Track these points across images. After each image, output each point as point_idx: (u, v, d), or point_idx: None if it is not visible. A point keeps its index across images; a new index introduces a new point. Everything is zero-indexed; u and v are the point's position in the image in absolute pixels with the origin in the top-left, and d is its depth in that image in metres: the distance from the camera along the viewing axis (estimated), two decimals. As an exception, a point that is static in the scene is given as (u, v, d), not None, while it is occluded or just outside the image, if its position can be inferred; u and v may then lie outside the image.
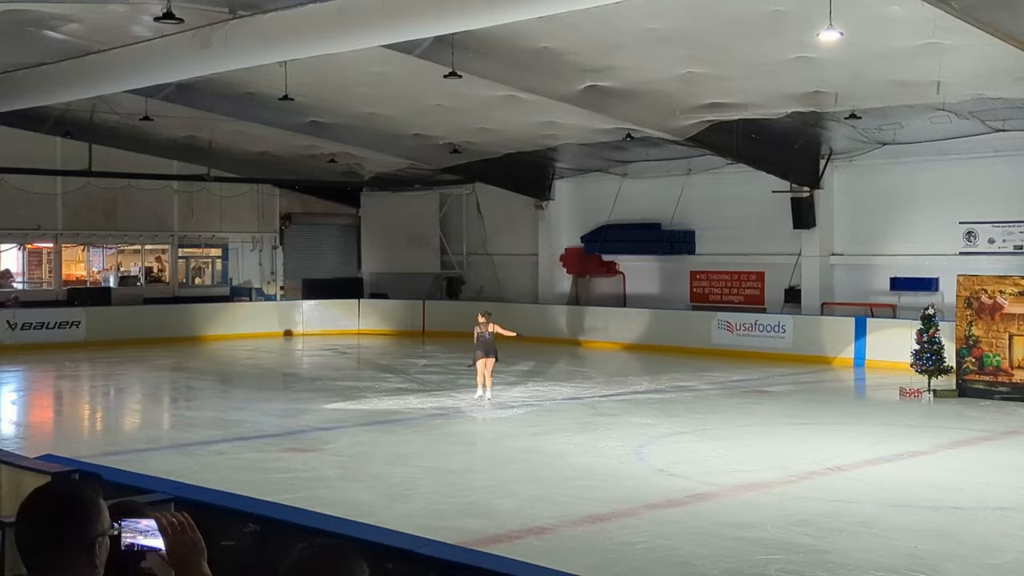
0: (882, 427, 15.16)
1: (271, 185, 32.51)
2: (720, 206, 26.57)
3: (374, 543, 4.43)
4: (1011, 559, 8.67)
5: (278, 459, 12.67)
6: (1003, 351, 17.78)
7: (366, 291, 33.24)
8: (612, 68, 18.69)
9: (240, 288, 32.37)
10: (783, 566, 8.36)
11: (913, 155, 22.98)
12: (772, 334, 24.25)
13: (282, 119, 23.78)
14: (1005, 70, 17.05)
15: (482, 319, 17.43)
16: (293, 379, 21.98)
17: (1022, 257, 21.83)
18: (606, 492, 11.02)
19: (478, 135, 25.36)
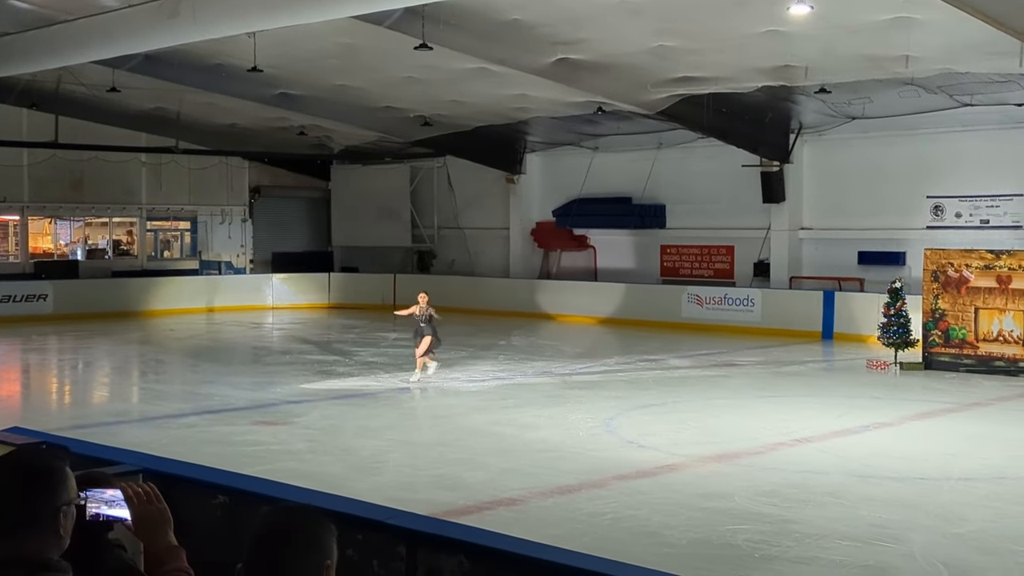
0: (849, 399, 15.31)
1: (240, 158, 32.27)
2: (690, 180, 26.64)
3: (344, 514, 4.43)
4: (973, 528, 8.79)
5: (248, 432, 12.65)
6: (969, 324, 17.98)
7: (336, 265, 33.14)
8: (583, 41, 18.66)
9: (209, 261, 32.18)
10: (750, 536, 8.44)
11: (882, 129, 23.11)
12: (741, 308, 24.39)
13: (251, 91, 23.59)
14: (974, 45, 17.14)
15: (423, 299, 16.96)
16: (263, 353, 21.92)
17: (988, 231, 22.04)
18: (576, 464, 11.09)
19: (449, 108, 25.27)
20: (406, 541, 4.11)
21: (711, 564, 7.67)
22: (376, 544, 4.18)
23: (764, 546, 8.21)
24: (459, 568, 3.91)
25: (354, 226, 32.68)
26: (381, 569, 4.13)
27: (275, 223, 33.61)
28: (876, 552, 8.08)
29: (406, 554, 4.08)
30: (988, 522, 8.98)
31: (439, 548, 3.99)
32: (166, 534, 2.90)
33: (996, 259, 17.84)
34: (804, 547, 8.21)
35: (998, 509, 9.41)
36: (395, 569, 4.11)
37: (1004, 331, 17.64)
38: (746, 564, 7.77)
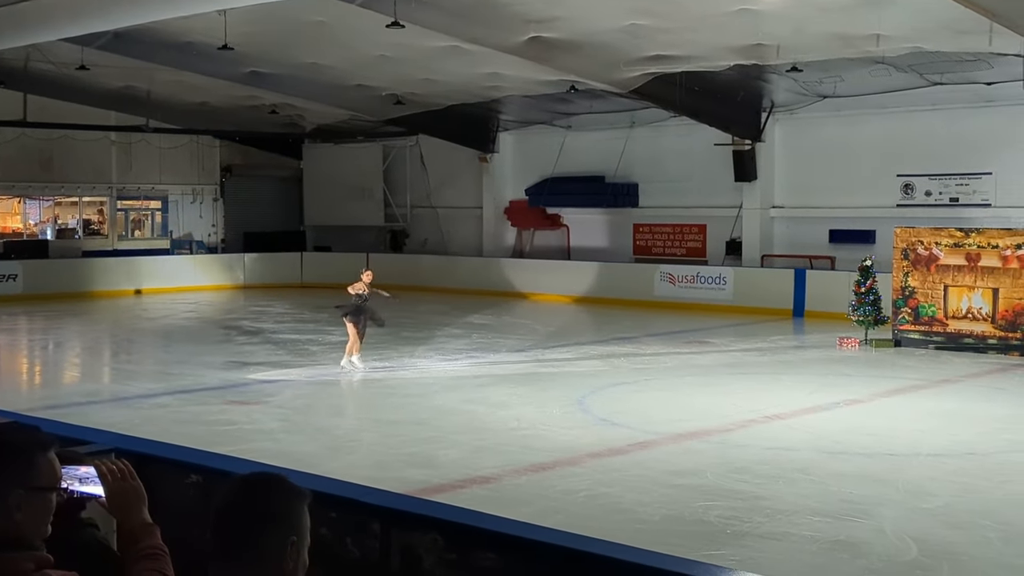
0: (820, 376, 15.43)
1: (211, 136, 32.04)
2: (663, 159, 26.68)
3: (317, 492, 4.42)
4: (942, 503, 8.90)
5: (221, 412, 12.62)
6: (938, 302, 18.13)
7: (309, 244, 33.03)
8: (556, 19, 18.62)
9: (180, 241, 31.99)
10: (722, 512, 8.51)
11: (853, 108, 23.22)
12: (713, 286, 24.50)
13: (222, 69, 23.41)
14: (943, 23, 17.23)
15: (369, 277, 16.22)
16: (235, 332, 21.81)
17: (958, 209, 22.21)
18: (549, 442, 11.13)
19: (421, 86, 25.17)
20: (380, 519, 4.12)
21: (684, 540, 7.73)
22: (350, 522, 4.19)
23: (736, 522, 8.28)
24: (433, 545, 3.92)
25: (326, 205, 32.56)
26: (355, 547, 4.14)
27: (246, 202, 33.42)
28: (846, 527, 8.17)
29: (380, 532, 4.09)
30: (956, 497, 9.09)
31: (413, 525, 4.00)
32: (140, 511, 2.90)
33: (965, 237, 17.99)
34: (775, 523, 8.29)
35: (966, 484, 9.53)
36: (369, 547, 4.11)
37: (973, 308, 17.82)
38: (718, 540, 7.83)
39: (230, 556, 2.49)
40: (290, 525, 2.53)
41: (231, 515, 2.53)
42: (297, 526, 2.55)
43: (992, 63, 19.30)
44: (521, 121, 28.70)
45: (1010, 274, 17.47)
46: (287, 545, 2.51)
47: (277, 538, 2.50)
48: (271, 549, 2.49)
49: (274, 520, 2.51)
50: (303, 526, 2.57)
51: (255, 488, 2.58)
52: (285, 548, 2.51)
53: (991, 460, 10.55)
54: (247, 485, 2.59)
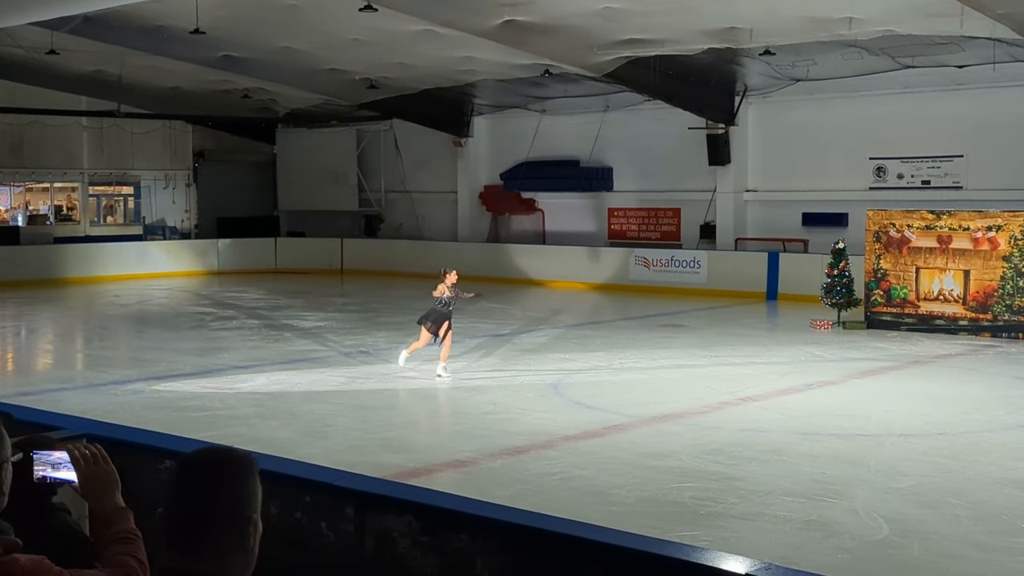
0: (793, 358, 15.53)
1: (183, 121, 31.83)
2: (637, 143, 26.71)
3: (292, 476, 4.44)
4: (913, 483, 8.99)
5: (194, 397, 12.58)
6: (910, 284, 18.27)
7: (282, 229, 32.90)
8: (530, 2, 18.59)
9: (153, 226, 31.80)
10: (696, 493, 8.57)
11: (826, 91, 23.31)
12: (688, 270, 24.59)
13: (194, 53, 23.25)
14: (915, 7, 17.32)
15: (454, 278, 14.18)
16: (209, 318, 21.71)
17: (930, 192, 22.37)
18: (525, 425, 11.16)
19: (395, 70, 25.08)
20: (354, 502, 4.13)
21: (658, 521, 7.77)
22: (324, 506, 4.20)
23: (710, 503, 8.34)
24: (408, 528, 3.94)
25: (300, 190, 32.43)
26: (330, 531, 4.15)
27: (220, 188, 33.23)
28: (819, 507, 8.24)
29: (354, 515, 4.10)
30: (927, 477, 9.18)
31: (387, 509, 4.01)
32: (113, 495, 2.89)
33: (937, 219, 18.12)
34: (749, 503, 8.35)
35: (937, 464, 9.62)
36: (344, 530, 4.13)
37: (944, 290, 17.96)
38: (692, 521, 7.89)
39: (189, 549, 2.38)
40: (248, 504, 2.43)
41: (184, 505, 2.40)
42: (253, 501, 2.45)
43: (963, 46, 19.40)
44: (495, 105, 28.65)
45: (981, 256, 17.62)
46: (248, 525, 2.42)
47: (238, 522, 2.41)
48: (231, 533, 2.39)
49: (233, 505, 2.40)
50: (257, 498, 2.46)
51: (205, 472, 2.44)
52: (247, 529, 2.42)
53: (962, 440, 10.65)
54: (195, 470, 2.45)
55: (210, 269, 29.85)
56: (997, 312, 17.47)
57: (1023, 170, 21.38)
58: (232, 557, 2.40)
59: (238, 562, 2.41)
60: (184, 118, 31.51)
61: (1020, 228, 17.32)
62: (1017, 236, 17.32)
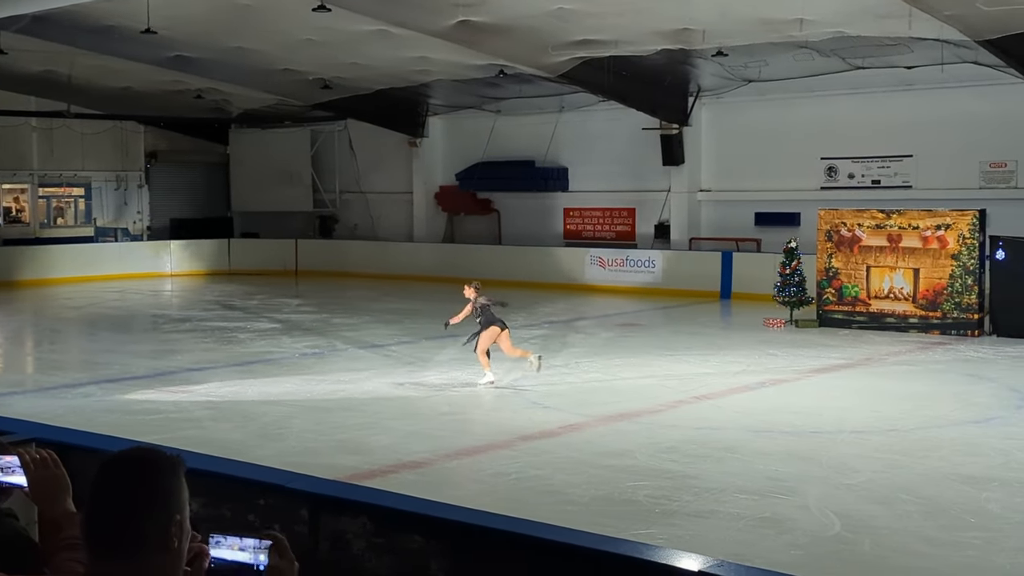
0: (746, 357, 15.64)
1: (135, 122, 31.50)
2: (592, 143, 26.81)
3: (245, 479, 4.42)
4: (864, 479, 9.09)
5: (147, 401, 12.46)
6: (861, 282, 18.48)
7: (236, 230, 32.67)
8: (484, 3, 18.60)
9: (105, 228, 31.45)
10: (651, 492, 8.62)
11: (777, 92, 23.52)
12: (643, 269, 24.71)
13: (145, 53, 23.01)
14: (864, 8, 17.53)
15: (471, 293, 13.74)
16: (162, 320, 21.53)
17: (880, 191, 22.65)
18: (481, 426, 11.18)
19: (349, 70, 24.99)
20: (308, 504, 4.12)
21: (613, 520, 7.81)
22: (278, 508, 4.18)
23: (664, 501, 8.39)
24: (362, 530, 3.93)
25: (254, 191, 32.21)
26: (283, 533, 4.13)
27: (172, 189, 32.94)
28: (772, 504, 8.32)
29: (308, 517, 4.09)
30: (879, 473, 9.29)
31: (342, 511, 4.00)
32: (64, 501, 2.87)
33: (887, 218, 18.35)
34: (703, 501, 8.42)
35: (889, 460, 9.74)
36: (298, 532, 4.11)
37: (895, 288, 18.19)
38: (647, 519, 7.93)
39: (110, 550, 2.31)
40: (171, 504, 2.36)
41: (106, 510, 2.32)
42: (179, 502, 2.38)
43: (912, 47, 19.67)
44: (450, 105, 28.63)
45: (930, 254, 17.86)
46: (171, 526, 2.34)
47: (160, 523, 2.33)
48: (155, 536, 2.32)
49: (154, 505, 2.33)
50: (184, 499, 2.39)
51: (128, 474, 2.37)
52: (169, 529, 2.33)
53: (912, 436, 10.79)
54: (118, 473, 2.37)
55: (163, 271, 29.57)
56: (946, 310, 17.72)
57: (971, 169, 21.72)
58: (155, 558, 2.33)
59: (162, 563, 2.34)
60: (136, 119, 31.19)
61: (968, 227, 17.58)
62: (965, 235, 17.58)
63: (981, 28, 17.55)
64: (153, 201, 32.56)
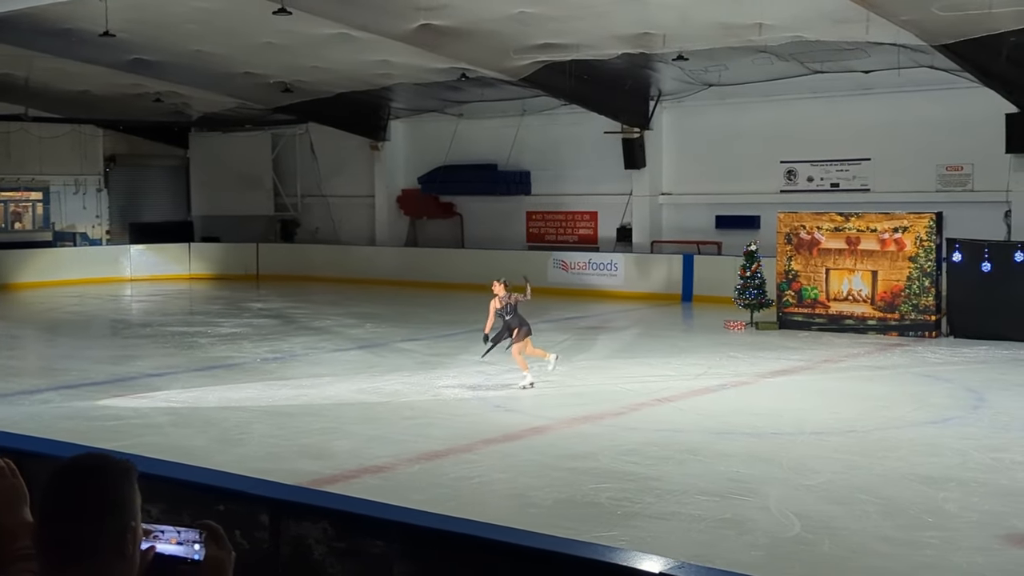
0: (708, 359, 15.73)
1: (94, 125, 31.21)
2: (554, 147, 26.88)
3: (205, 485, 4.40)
4: (824, 479, 9.18)
5: (107, 407, 12.35)
6: (820, 284, 18.65)
7: (197, 235, 32.44)
8: (446, 6, 18.60)
9: (63, 233, 31.12)
10: (613, 494, 8.66)
11: (737, 96, 23.69)
12: (605, 272, 24.80)
13: (104, 56, 22.82)
14: (822, 13, 17.70)
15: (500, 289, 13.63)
16: (122, 325, 21.37)
17: (838, 194, 22.87)
18: (443, 430, 11.17)
19: (310, 74, 24.90)
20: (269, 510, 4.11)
21: (575, 523, 7.84)
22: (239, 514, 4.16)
23: (626, 503, 8.43)
24: (323, 535, 3.92)
25: (214, 195, 32.00)
26: (244, 539, 4.12)
27: (132, 192, 32.69)
28: (733, 506, 8.38)
29: (269, 523, 4.08)
30: (838, 473, 9.39)
31: (302, 516, 4.00)
32: (21, 510, 2.84)
33: (845, 221, 18.53)
34: (664, 503, 8.47)
35: (847, 461, 9.84)
36: (259, 538, 4.10)
37: (853, 290, 18.38)
38: (609, 522, 7.96)
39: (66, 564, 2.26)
40: (125, 511, 2.31)
41: (58, 519, 2.27)
42: (132, 509, 2.33)
43: (869, 52, 19.87)
44: (412, 109, 28.60)
45: (888, 257, 18.05)
46: (126, 533, 2.30)
47: (114, 530, 2.29)
48: (110, 544, 2.27)
49: (108, 513, 2.28)
50: (136, 505, 2.35)
51: (79, 482, 2.32)
52: (124, 536, 2.30)
53: (871, 437, 10.91)
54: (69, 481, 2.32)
55: (123, 275, 29.30)
56: (904, 311, 17.91)
57: (928, 173, 21.98)
58: (110, 566, 2.29)
59: (117, 571, 2.31)
60: (94, 122, 30.91)
61: (925, 229, 17.79)
62: (923, 237, 17.79)
63: (937, 33, 17.77)
64: (112, 205, 32.28)
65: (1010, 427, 11.29)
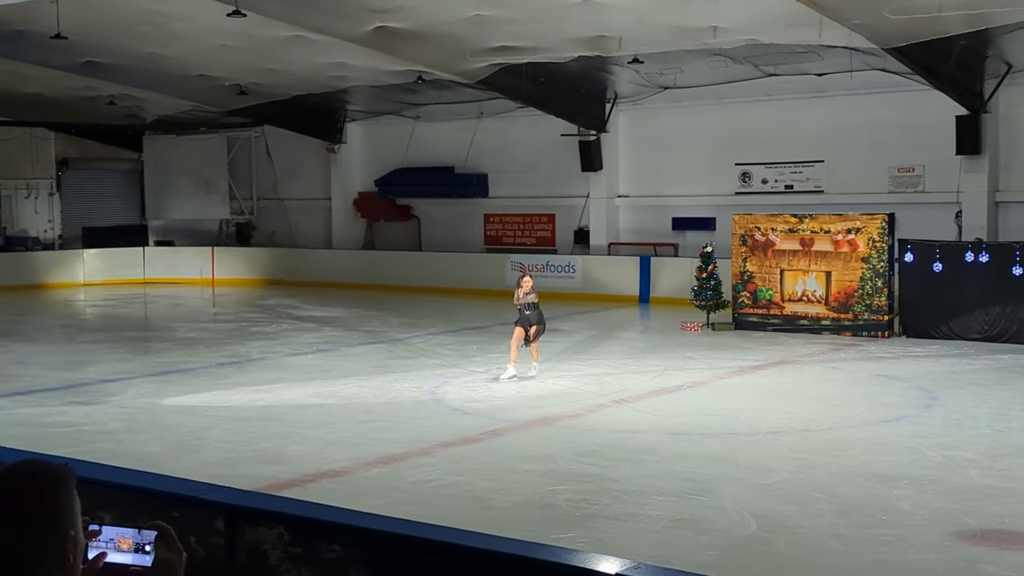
0: (665, 360, 15.82)
1: (46, 128, 30.83)
2: (512, 149, 26.91)
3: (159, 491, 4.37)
4: (780, 478, 9.27)
5: (60, 413, 12.21)
6: (775, 285, 18.81)
7: (151, 239, 32.14)
8: (401, 9, 18.56)
9: (15, 237, 30.71)
10: (571, 495, 8.68)
11: (693, 99, 23.84)
12: (563, 274, 24.86)
13: (56, 59, 22.53)
14: (776, 16, 17.85)
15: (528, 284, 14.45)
16: (76, 331, 21.10)
17: (793, 196, 23.06)
18: (401, 433, 11.15)
19: (266, 76, 24.74)
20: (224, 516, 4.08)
21: (533, 525, 7.86)
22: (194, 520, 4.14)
23: (584, 505, 8.46)
24: (279, 541, 3.91)
25: (169, 198, 31.71)
26: (199, 545, 4.09)
27: (86, 196, 32.29)
28: (690, 506, 8.44)
29: (224, 529, 4.05)
30: (793, 472, 9.48)
31: (258, 521, 3.98)
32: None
33: (799, 223, 18.71)
34: (622, 504, 8.51)
35: (803, 460, 9.93)
36: (214, 544, 4.07)
37: (808, 291, 18.55)
38: (567, 523, 7.99)
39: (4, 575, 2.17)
40: (64, 519, 2.24)
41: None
42: (71, 516, 2.25)
43: (822, 55, 20.06)
44: (369, 111, 28.51)
45: (841, 258, 18.25)
46: (66, 542, 2.23)
47: (54, 540, 2.21)
48: (50, 554, 2.20)
49: (47, 521, 2.20)
50: (76, 512, 2.27)
51: (15, 490, 2.23)
52: (64, 545, 2.22)
53: (825, 436, 11.03)
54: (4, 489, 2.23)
55: (76, 280, 28.97)
56: (857, 312, 18.11)
57: (880, 174, 22.23)
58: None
59: None
60: (46, 125, 30.53)
61: (878, 230, 18.00)
62: (875, 238, 17.99)
63: (888, 36, 17.99)
64: (65, 209, 31.88)
65: (962, 425, 11.46)
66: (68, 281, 28.80)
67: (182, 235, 31.81)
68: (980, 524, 7.94)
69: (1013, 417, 11.92)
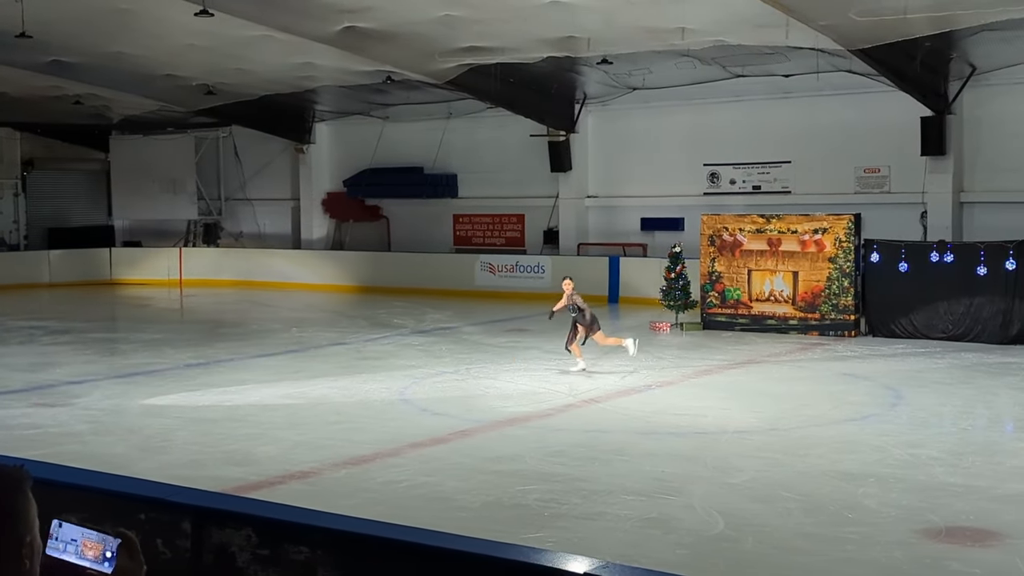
0: (633, 360, 15.83)
1: (10, 128, 30.54)
2: (481, 150, 26.92)
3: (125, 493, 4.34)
4: (748, 477, 9.32)
5: (24, 415, 12.09)
6: (743, 285, 18.92)
7: (118, 239, 31.92)
8: (369, 9, 18.52)
9: (-22, 238, 30.44)
10: (540, 495, 8.69)
11: (661, 100, 23.94)
12: (532, 275, 24.88)
13: (21, 58, 22.32)
14: (743, 18, 17.96)
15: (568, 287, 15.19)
16: (40, 332, 20.90)
17: (760, 196, 23.21)
18: (370, 434, 11.12)
19: (233, 76, 24.62)
20: (191, 518, 4.06)
21: (503, 525, 7.86)
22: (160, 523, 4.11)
23: (553, 504, 8.47)
24: (247, 542, 3.89)
25: (136, 199, 31.49)
26: (166, 547, 4.07)
27: (51, 197, 32.02)
28: (658, 505, 8.47)
29: (191, 531, 4.03)
30: (761, 471, 9.53)
31: (225, 523, 3.96)
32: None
33: (767, 223, 18.81)
34: (591, 503, 8.53)
35: (770, 459, 9.99)
36: (180, 547, 4.05)
37: (775, 291, 18.66)
38: (536, 523, 8.00)
39: None
40: (20, 525, 2.20)
41: None
42: (27, 522, 2.21)
43: (789, 56, 20.21)
44: (338, 111, 28.44)
45: (808, 258, 18.37)
46: (21, 548, 2.18)
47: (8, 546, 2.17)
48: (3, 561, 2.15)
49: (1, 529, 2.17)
50: (32, 517, 2.22)
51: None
52: (20, 552, 2.17)
53: (793, 435, 11.10)
54: None
55: (41, 282, 28.69)
56: (824, 311, 18.24)
57: (846, 175, 22.41)
58: None
59: None
60: (11, 125, 30.26)
61: (844, 231, 18.13)
62: (842, 238, 18.12)
63: (854, 38, 18.14)
64: (30, 210, 31.60)
65: (927, 423, 11.57)
66: (34, 282, 28.51)
67: (149, 236, 31.60)
68: (945, 522, 8.02)
69: (978, 415, 12.05)
